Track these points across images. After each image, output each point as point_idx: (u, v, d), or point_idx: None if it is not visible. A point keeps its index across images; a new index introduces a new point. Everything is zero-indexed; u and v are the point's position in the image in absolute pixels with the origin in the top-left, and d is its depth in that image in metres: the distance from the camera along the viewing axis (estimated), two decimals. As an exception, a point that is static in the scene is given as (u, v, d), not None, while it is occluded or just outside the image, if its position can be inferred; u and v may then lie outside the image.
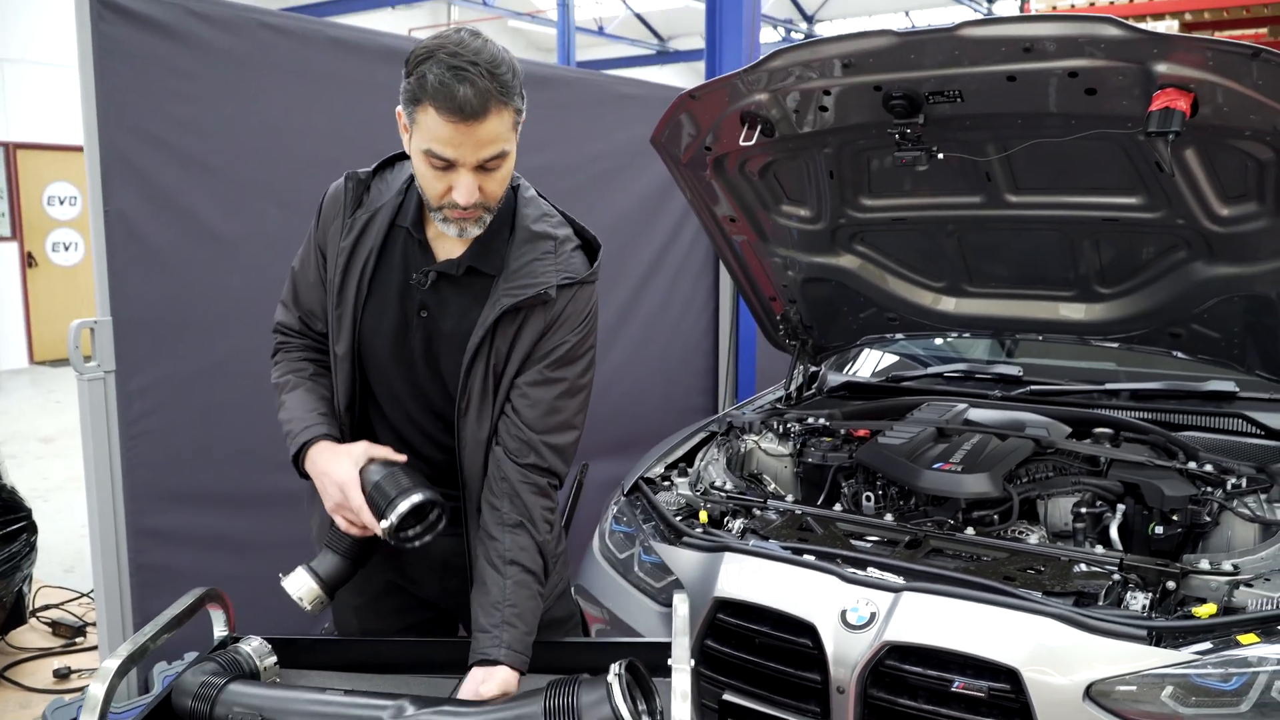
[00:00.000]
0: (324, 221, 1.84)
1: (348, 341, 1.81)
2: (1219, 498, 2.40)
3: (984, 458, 2.57)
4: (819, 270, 3.19)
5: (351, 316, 1.79)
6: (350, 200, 1.79)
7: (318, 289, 1.87)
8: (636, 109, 4.12)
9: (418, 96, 1.56)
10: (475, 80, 1.53)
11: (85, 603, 4.00)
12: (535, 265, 1.75)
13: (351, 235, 1.78)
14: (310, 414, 1.82)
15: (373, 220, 1.78)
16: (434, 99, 1.53)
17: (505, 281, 1.74)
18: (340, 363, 1.83)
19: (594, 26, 21.66)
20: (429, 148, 1.58)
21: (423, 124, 1.57)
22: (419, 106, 1.56)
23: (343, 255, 1.78)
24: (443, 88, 1.52)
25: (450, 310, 1.77)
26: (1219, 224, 2.46)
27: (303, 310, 1.91)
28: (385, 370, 1.84)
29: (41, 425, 7.86)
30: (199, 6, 2.69)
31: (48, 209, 10.58)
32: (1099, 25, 2.09)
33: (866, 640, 2.07)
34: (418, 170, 1.66)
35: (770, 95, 2.58)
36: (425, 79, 1.54)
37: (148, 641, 1.53)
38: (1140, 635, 1.92)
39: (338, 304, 1.80)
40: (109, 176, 2.55)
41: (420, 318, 1.78)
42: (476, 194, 1.62)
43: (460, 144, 1.57)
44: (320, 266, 1.86)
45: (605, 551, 2.71)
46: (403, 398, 1.86)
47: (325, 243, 1.83)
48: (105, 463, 2.57)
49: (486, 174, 1.62)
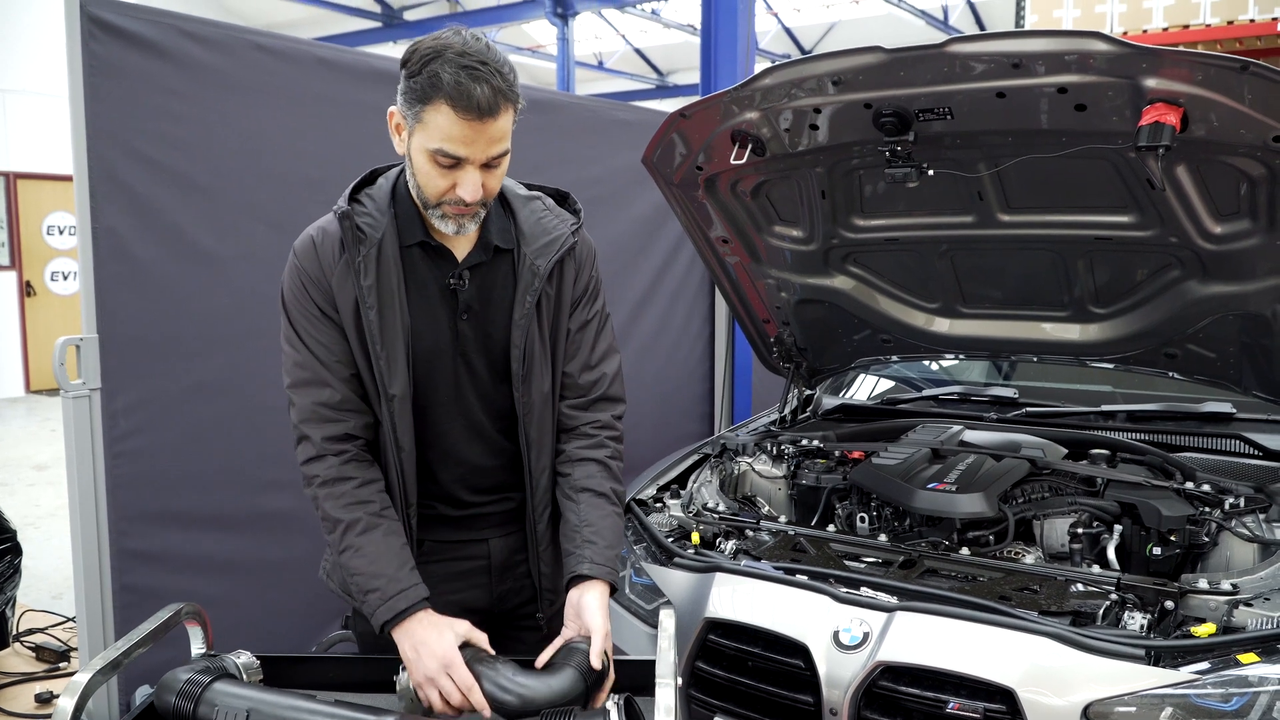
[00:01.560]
0: (315, 278, 1.73)
1: (402, 375, 1.73)
2: (1217, 518, 2.38)
3: (979, 478, 2.54)
4: (812, 292, 3.18)
5: (405, 349, 1.73)
6: (350, 240, 1.71)
7: (341, 349, 1.75)
8: (633, 135, 4.13)
9: (428, 95, 1.56)
10: (489, 79, 1.55)
11: (70, 628, 3.95)
12: (543, 223, 1.83)
13: (372, 272, 1.71)
14: (402, 570, 1.70)
15: (381, 250, 1.72)
16: (451, 98, 1.54)
17: (527, 246, 1.79)
18: (397, 404, 1.74)
19: (594, 61, 21.86)
20: (440, 147, 1.58)
21: (433, 123, 1.57)
22: (429, 105, 1.56)
23: (370, 294, 1.70)
24: (459, 87, 1.53)
25: (491, 298, 1.79)
26: (1212, 242, 2.44)
27: (339, 376, 1.75)
28: (440, 387, 1.79)
29: (35, 453, 7.83)
30: (191, 26, 2.70)
31: (47, 238, 10.61)
32: (1088, 40, 2.08)
33: (859, 661, 2.03)
34: (420, 169, 1.65)
35: (761, 114, 2.58)
36: (439, 78, 1.54)
37: (121, 655, 1.50)
38: (1138, 655, 1.88)
39: (383, 344, 1.71)
40: (98, 194, 2.54)
41: (463, 320, 1.78)
42: (480, 190, 1.64)
43: (473, 142, 1.58)
44: (334, 320, 1.74)
45: (596, 574, 2.67)
46: (465, 410, 1.83)
47: (332, 296, 1.73)
48: (89, 482, 2.53)
49: (489, 171, 1.65)
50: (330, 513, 1.73)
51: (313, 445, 1.75)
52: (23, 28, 9.91)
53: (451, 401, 1.82)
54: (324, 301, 1.74)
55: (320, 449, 1.74)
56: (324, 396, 1.75)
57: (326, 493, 1.73)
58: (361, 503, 1.73)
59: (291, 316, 1.77)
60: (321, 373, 1.75)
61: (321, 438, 1.74)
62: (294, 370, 1.77)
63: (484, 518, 1.91)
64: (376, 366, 1.72)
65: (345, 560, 1.71)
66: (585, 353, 1.88)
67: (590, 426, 1.88)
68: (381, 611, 1.65)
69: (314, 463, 1.75)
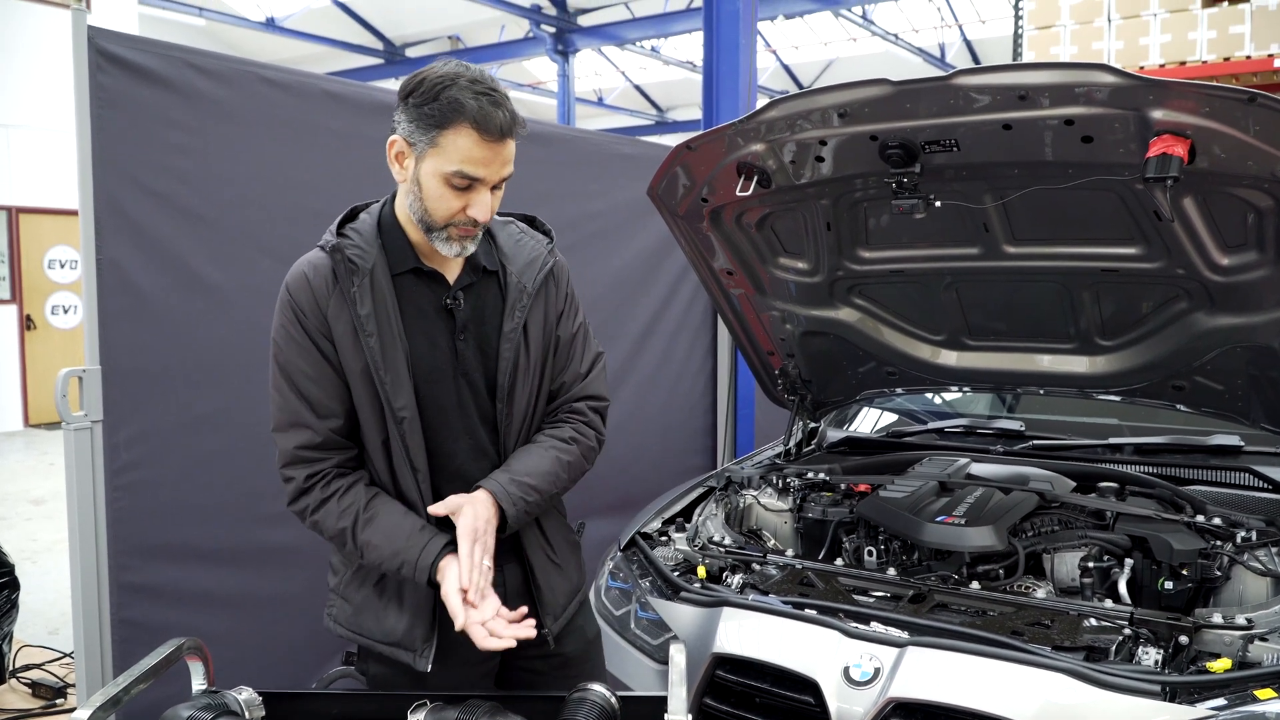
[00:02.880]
0: (309, 310, 1.78)
1: (408, 393, 1.78)
2: (1229, 551, 2.35)
3: (987, 511, 2.51)
4: (817, 324, 3.17)
5: (407, 370, 1.79)
6: (344, 273, 1.77)
7: (328, 383, 1.79)
8: (635, 168, 4.14)
9: (449, 120, 1.64)
10: (504, 104, 1.68)
11: (67, 664, 3.89)
12: (522, 245, 1.95)
13: (368, 301, 1.77)
14: (413, 536, 1.77)
15: (373, 279, 1.78)
16: (475, 122, 1.64)
17: (511, 266, 1.90)
18: (406, 424, 1.79)
19: (594, 97, 22.05)
20: (459, 169, 1.67)
21: (452, 146, 1.66)
22: (449, 129, 1.65)
23: (369, 322, 1.76)
24: (482, 111, 1.64)
25: (484, 316, 1.88)
26: (1219, 274, 2.44)
27: (323, 414, 1.80)
28: (445, 407, 1.84)
29: (33, 487, 7.78)
30: (197, 59, 2.71)
31: (48, 272, 10.63)
32: (1094, 73, 2.09)
33: (871, 697, 2.00)
34: (430, 192, 1.71)
35: (767, 146, 2.58)
36: (460, 103, 1.64)
37: (121, 692, 1.46)
38: (1154, 691, 1.85)
39: (386, 368, 1.76)
40: (102, 226, 2.53)
41: (461, 339, 1.85)
42: (491, 211, 1.74)
43: (490, 163, 1.69)
44: (326, 355, 1.79)
45: (601, 608, 2.63)
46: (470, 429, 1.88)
47: (327, 327, 1.78)
48: (90, 515, 2.51)
49: (494, 193, 1.75)
50: (333, 528, 1.80)
51: (296, 485, 1.81)
52: (26, 63, 9.98)
53: (456, 420, 1.86)
54: (317, 332, 1.78)
55: (303, 485, 1.81)
56: (304, 439, 1.80)
57: (321, 515, 1.80)
58: (351, 504, 1.79)
59: (279, 355, 1.81)
60: (303, 415, 1.79)
61: (304, 477, 1.81)
62: (276, 414, 1.82)
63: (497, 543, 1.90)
64: (381, 390, 1.77)
65: (370, 558, 1.78)
66: (577, 362, 2.00)
67: (562, 412, 1.99)
68: (418, 575, 1.74)
69: (301, 498, 1.82)
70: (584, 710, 1.57)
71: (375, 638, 1.87)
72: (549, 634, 1.94)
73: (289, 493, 1.83)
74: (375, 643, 1.87)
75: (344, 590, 1.93)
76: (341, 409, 1.81)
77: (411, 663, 1.83)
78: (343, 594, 1.93)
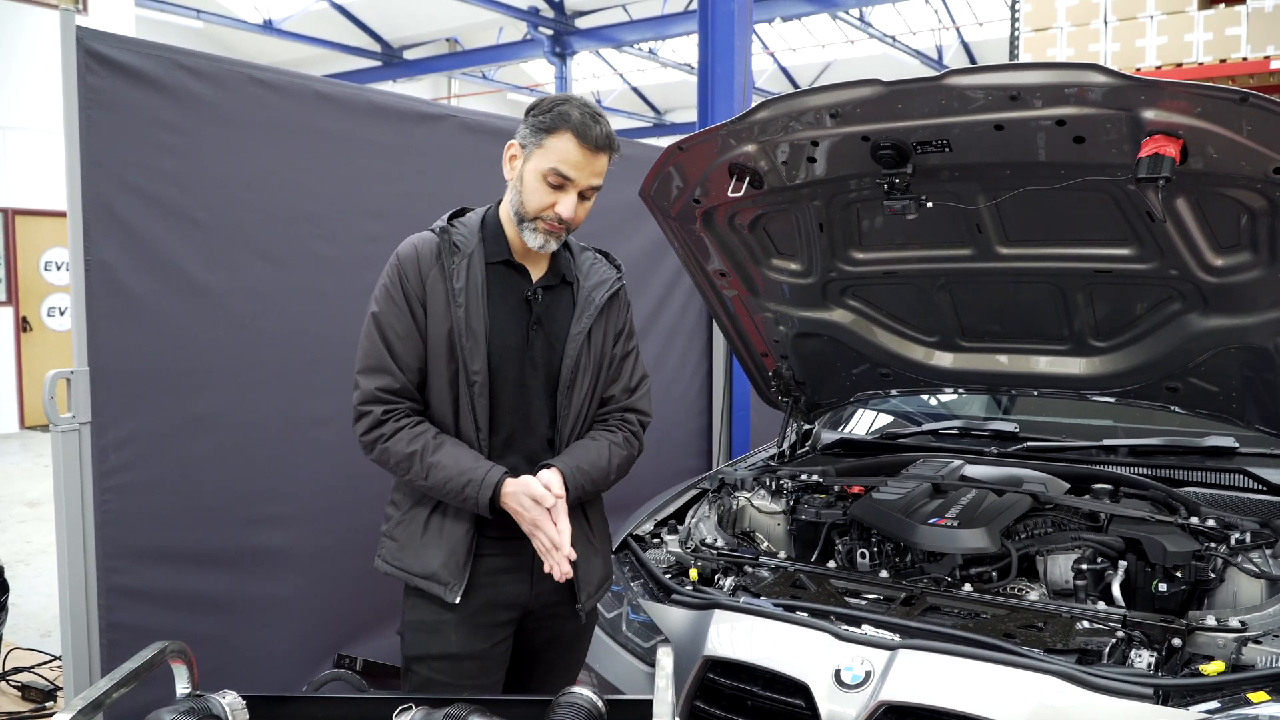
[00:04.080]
0: (412, 276, 2.07)
1: (483, 360, 2.04)
2: (1223, 553, 2.34)
3: (981, 513, 2.50)
4: (810, 325, 3.16)
5: (485, 339, 2.05)
6: (447, 251, 2.07)
7: (412, 341, 2.06)
8: (630, 169, 4.09)
9: (555, 126, 1.99)
10: (604, 124, 2.02)
11: (57, 666, 3.87)
12: (596, 268, 2.26)
13: (463, 278, 2.06)
14: (479, 461, 2.03)
15: (470, 262, 2.07)
16: (576, 130, 1.98)
17: (585, 282, 2.21)
18: (477, 388, 2.05)
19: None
20: (555, 167, 1.99)
21: (554, 148, 1.99)
22: (553, 134, 1.99)
23: (460, 294, 2.05)
24: (584, 121, 1.99)
25: (557, 317, 2.16)
26: (1213, 274, 2.43)
27: (403, 367, 2.06)
28: (509, 381, 2.09)
29: (27, 490, 7.76)
30: (188, 60, 2.69)
31: (44, 274, 10.61)
32: (1086, 73, 2.08)
33: (862, 700, 1.98)
34: (529, 186, 2.03)
35: (759, 146, 2.58)
36: (568, 115, 1.99)
37: (103, 695, 1.45)
38: (1147, 694, 1.84)
39: (468, 335, 2.03)
40: (91, 227, 2.51)
41: (534, 329, 2.12)
42: (574, 212, 2.04)
43: (582, 168, 2.01)
44: (416, 317, 2.06)
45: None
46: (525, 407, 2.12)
47: (424, 294, 2.06)
48: (78, 517, 2.49)
49: (582, 201, 2.07)
50: (402, 450, 2.03)
51: (373, 418, 2.05)
52: (22, 65, 9.96)
53: (518, 396, 2.11)
54: (414, 296, 2.06)
55: (380, 418, 2.05)
56: (384, 383, 2.05)
57: (393, 440, 2.04)
58: (422, 433, 2.05)
59: (377, 311, 2.08)
60: (387, 363, 2.05)
61: (381, 411, 2.05)
62: (363, 359, 2.09)
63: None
64: (461, 352, 2.04)
65: (435, 480, 2.01)
66: (626, 377, 2.27)
67: (614, 419, 2.25)
68: (483, 493, 1.98)
69: (377, 427, 2.05)
70: (570, 714, 1.56)
71: (414, 571, 2.09)
72: (582, 610, 2.18)
73: (365, 424, 2.06)
74: (413, 576, 2.10)
75: (393, 531, 2.16)
76: (417, 368, 2.07)
77: (443, 595, 2.06)
78: (391, 534, 2.16)
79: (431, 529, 2.10)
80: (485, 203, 2.20)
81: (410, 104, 3.32)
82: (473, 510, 2.04)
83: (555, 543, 1.97)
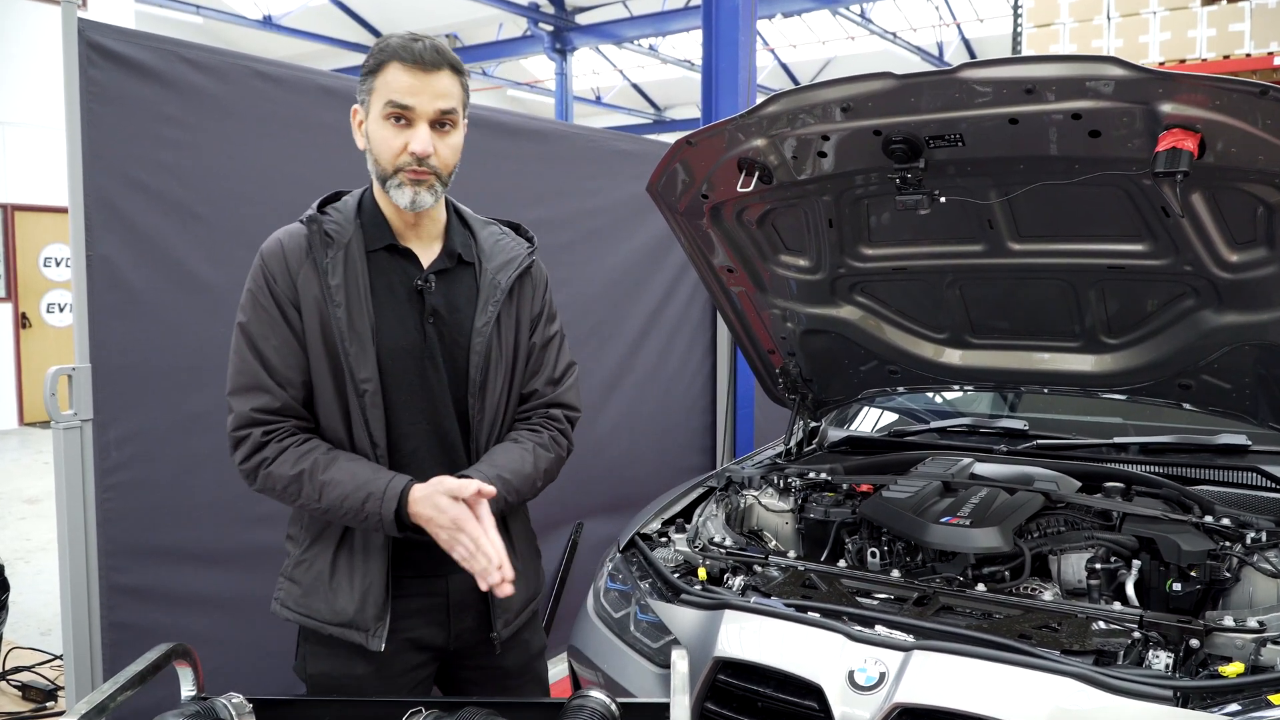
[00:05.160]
0: (280, 277, 1.82)
1: (372, 365, 1.81)
2: (1238, 553, 2.31)
3: (993, 511, 2.48)
4: (818, 322, 3.13)
5: (373, 342, 1.81)
6: (319, 244, 1.82)
7: (289, 351, 1.82)
8: (633, 165, 4.10)
9: (379, 63, 1.76)
10: (430, 41, 1.78)
11: (58, 666, 3.85)
12: (501, 244, 1.98)
13: (339, 273, 1.81)
14: (378, 471, 1.79)
15: (348, 253, 1.83)
16: (396, 55, 1.75)
17: (488, 263, 1.94)
18: (368, 397, 1.81)
19: (592, 96, 22.01)
20: (390, 99, 1.75)
21: (382, 84, 1.76)
22: (378, 73, 1.77)
23: (338, 293, 1.80)
24: (404, 46, 1.76)
25: (458, 305, 1.90)
26: (1228, 270, 2.40)
27: (281, 382, 1.81)
28: (407, 386, 1.86)
29: (27, 487, 7.73)
30: (191, 53, 2.66)
31: (44, 270, 10.58)
32: (1103, 65, 2.05)
33: (876, 702, 1.95)
34: (375, 137, 1.79)
35: (768, 141, 2.54)
36: (387, 45, 1.77)
37: (108, 699, 1.43)
38: (1166, 696, 1.81)
39: (351, 339, 1.79)
40: (93, 222, 2.49)
41: (430, 324, 1.87)
42: (431, 146, 1.77)
43: (419, 93, 1.75)
44: (291, 323, 1.82)
45: (600, 611, 2.60)
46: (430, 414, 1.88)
47: (295, 296, 1.81)
48: (79, 515, 2.46)
49: (440, 136, 1.79)
50: (287, 473, 1.78)
51: (252, 441, 1.80)
52: (22, 60, 9.92)
53: (420, 402, 1.87)
54: (285, 300, 1.81)
55: (259, 440, 1.80)
56: (262, 402, 1.80)
57: (277, 463, 1.79)
58: (310, 450, 1.79)
59: (244, 319, 1.84)
60: (263, 379, 1.81)
61: (261, 433, 1.80)
62: (234, 378, 1.84)
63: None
64: (345, 360, 1.79)
65: (326, 500, 1.76)
66: (549, 369, 2.03)
67: (538, 417, 2.02)
68: (386, 506, 1.73)
69: (257, 452, 1.80)
70: (584, 717, 1.53)
71: (325, 619, 1.86)
72: (496, 638, 1.95)
73: (243, 450, 1.81)
74: (324, 624, 1.86)
75: (293, 573, 1.93)
76: (299, 380, 1.82)
77: (364, 643, 1.83)
78: (291, 576, 1.93)
79: (340, 568, 1.85)
80: (492, 200, 2.10)
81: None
82: (377, 530, 1.79)
83: (482, 548, 1.69)
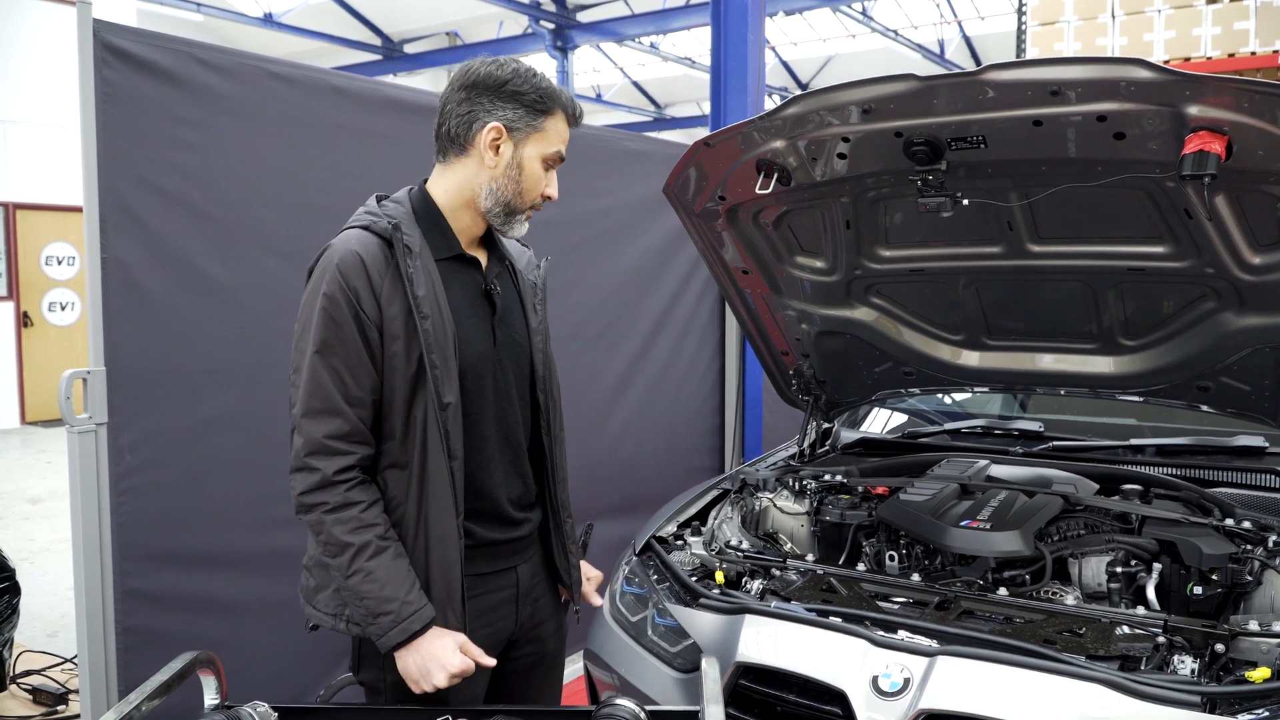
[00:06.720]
0: (364, 292, 1.74)
1: (455, 382, 1.79)
2: (1260, 556, 2.30)
3: (1012, 515, 2.46)
4: (833, 323, 3.11)
5: (455, 355, 1.79)
6: (401, 253, 1.75)
7: (364, 372, 1.75)
8: (643, 165, 4.09)
9: (547, 108, 1.83)
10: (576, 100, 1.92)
11: (68, 669, 3.83)
12: (512, 244, 2.06)
13: (424, 282, 1.77)
14: (413, 592, 1.76)
15: (424, 262, 1.80)
16: (566, 108, 1.86)
17: (516, 263, 2.03)
18: (451, 411, 1.78)
19: (592, 94, 21.98)
20: (559, 149, 1.87)
21: (554, 131, 1.85)
22: (548, 116, 1.83)
23: (424, 304, 1.75)
24: (570, 100, 1.86)
25: (509, 304, 1.97)
26: (1250, 273, 2.39)
27: (354, 404, 1.75)
28: (480, 393, 1.86)
29: (30, 486, 7.71)
30: (205, 54, 2.65)
31: (45, 269, 10.56)
32: (1129, 67, 2.03)
33: (901, 708, 1.94)
34: (530, 173, 1.84)
35: (787, 143, 2.53)
36: (553, 93, 1.83)
37: (134, 710, 1.42)
38: (1194, 702, 1.80)
39: (437, 352, 1.76)
40: (107, 224, 2.47)
41: (500, 327, 1.93)
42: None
43: (567, 143, 1.90)
44: (369, 341, 1.75)
45: (616, 614, 2.58)
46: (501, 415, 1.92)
47: (379, 311, 1.75)
48: (94, 519, 2.45)
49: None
50: (339, 537, 1.74)
51: (321, 477, 1.74)
52: (24, 59, 9.90)
53: (492, 406, 1.90)
54: (367, 318, 1.74)
55: (329, 479, 1.74)
56: (334, 427, 1.74)
57: (334, 519, 1.74)
58: (369, 525, 1.74)
59: (319, 338, 1.74)
60: (336, 401, 1.74)
61: (334, 472, 1.74)
62: (306, 400, 1.75)
63: (516, 542, 2.00)
64: (432, 376, 1.75)
65: (355, 584, 1.73)
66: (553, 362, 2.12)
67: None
68: (394, 634, 1.72)
69: (319, 491, 1.75)
70: None
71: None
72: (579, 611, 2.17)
73: (310, 483, 1.74)
74: None
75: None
76: (369, 399, 1.77)
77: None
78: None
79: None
80: None
81: (426, 97, 3.28)
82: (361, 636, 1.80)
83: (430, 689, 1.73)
